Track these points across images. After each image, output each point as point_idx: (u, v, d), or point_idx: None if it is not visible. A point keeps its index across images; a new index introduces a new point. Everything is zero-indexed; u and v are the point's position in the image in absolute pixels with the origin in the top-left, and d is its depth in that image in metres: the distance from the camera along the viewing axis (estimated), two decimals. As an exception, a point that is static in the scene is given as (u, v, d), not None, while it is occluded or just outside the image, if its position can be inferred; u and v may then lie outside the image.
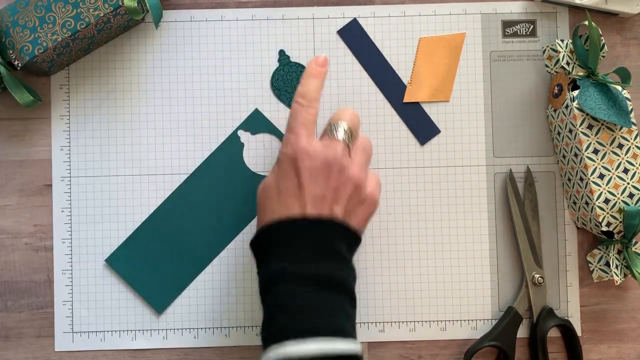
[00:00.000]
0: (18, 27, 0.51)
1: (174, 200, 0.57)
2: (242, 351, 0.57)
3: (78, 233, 0.57)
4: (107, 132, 0.57)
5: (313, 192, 0.44)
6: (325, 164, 0.45)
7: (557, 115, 0.56)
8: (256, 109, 0.58)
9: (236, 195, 0.57)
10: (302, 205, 0.44)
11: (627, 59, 0.59)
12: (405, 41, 0.58)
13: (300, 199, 0.44)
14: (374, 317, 0.57)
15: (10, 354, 0.56)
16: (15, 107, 0.57)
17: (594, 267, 0.56)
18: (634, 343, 0.58)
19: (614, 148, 0.53)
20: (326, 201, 0.44)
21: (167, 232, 0.57)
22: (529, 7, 0.58)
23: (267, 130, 0.58)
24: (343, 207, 0.45)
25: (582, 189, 0.54)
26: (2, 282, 0.57)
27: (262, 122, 0.58)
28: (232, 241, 0.57)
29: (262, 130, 0.58)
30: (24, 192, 0.57)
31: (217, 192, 0.57)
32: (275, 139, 0.58)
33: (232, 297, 0.57)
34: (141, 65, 0.58)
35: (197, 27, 0.58)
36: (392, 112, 0.58)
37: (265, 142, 0.58)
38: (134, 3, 0.52)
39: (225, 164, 0.57)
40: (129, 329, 0.57)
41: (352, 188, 0.46)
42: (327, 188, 0.44)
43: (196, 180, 0.57)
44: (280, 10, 0.58)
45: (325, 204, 0.44)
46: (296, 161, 0.45)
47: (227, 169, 0.57)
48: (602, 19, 0.58)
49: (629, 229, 0.53)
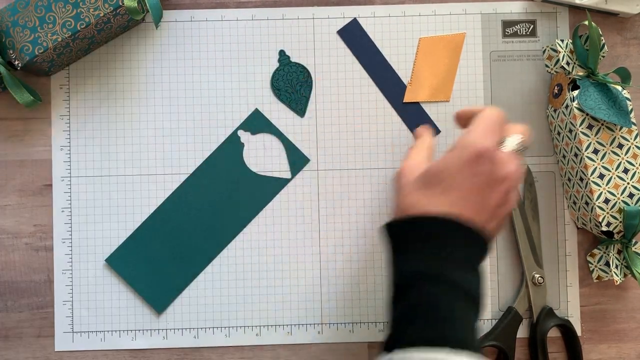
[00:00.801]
0: (18, 27, 0.51)
1: (174, 200, 0.57)
2: (242, 351, 0.57)
3: (78, 233, 0.57)
4: (107, 132, 0.58)
5: (482, 201, 0.43)
6: (503, 178, 0.43)
7: (557, 115, 0.56)
8: (256, 109, 0.58)
9: (236, 195, 0.57)
10: (466, 208, 0.42)
11: (627, 59, 0.59)
12: (405, 41, 0.58)
13: (467, 202, 0.42)
14: (374, 317, 0.57)
15: (10, 354, 0.56)
16: (15, 107, 0.57)
17: (594, 267, 0.56)
18: (634, 343, 0.58)
19: (614, 148, 0.53)
20: (486, 215, 0.43)
21: (167, 232, 0.57)
22: (529, 7, 0.58)
23: (267, 130, 0.58)
24: (494, 226, 0.44)
25: (582, 189, 0.54)
26: (2, 282, 0.57)
27: (262, 122, 0.58)
28: (233, 241, 0.57)
29: (262, 130, 0.58)
30: (24, 192, 0.57)
31: (217, 192, 0.57)
32: (275, 139, 0.58)
33: (232, 297, 0.57)
34: (141, 65, 0.58)
35: (197, 27, 0.58)
36: (392, 112, 0.58)
37: (266, 142, 0.58)
38: (134, 3, 0.52)
39: (225, 164, 0.57)
40: (129, 329, 0.57)
41: (508, 212, 0.45)
42: (492, 203, 0.43)
43: (196, 180, 0.57)
44: (280, 10, 0.58)
45: (484, 217, 0.43)
46: (481, 159, 0.42)
47: (227, 169, 0.57)
48: (602, 19, 0.58)
49: (629, 229, 0.53)
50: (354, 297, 0.57)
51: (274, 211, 0.57)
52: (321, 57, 0.58)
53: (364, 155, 0.58)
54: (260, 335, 0.57)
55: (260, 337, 0.57)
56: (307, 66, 0.58)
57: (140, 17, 0.53)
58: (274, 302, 0.57)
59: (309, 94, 0.58)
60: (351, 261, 0.57)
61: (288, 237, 0.57)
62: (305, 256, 0.57)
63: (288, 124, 0.58)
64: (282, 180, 0.57)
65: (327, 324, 0.57)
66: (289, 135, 0.58)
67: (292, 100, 0.58)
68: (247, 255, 0.57)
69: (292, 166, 0.58)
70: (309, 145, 0.58)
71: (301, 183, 0.57)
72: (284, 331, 0.57)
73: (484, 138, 0.43)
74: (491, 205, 0.43)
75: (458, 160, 0.43)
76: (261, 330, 0.57)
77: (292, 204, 0.57)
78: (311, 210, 0.57)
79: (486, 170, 0.42)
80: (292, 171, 0.58)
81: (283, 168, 0.58)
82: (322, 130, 0.58)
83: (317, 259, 0.57)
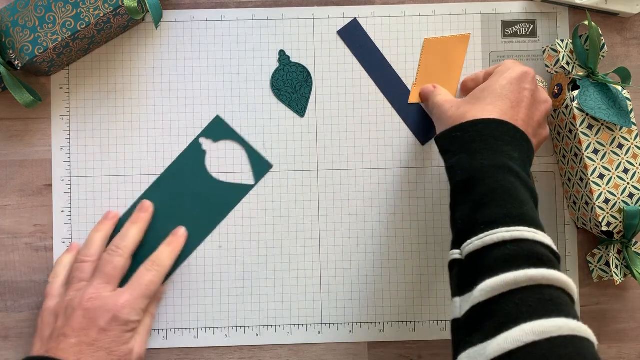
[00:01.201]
0: (18, 27, 0.51)
1: (135, 207, 0.56)
2: (242, 351, 0.57)
3: (78, 233, 0.57)
4: (107, 132, 0.58)
5: (528, 114, 0.47)
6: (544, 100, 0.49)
7: (557, 115, 0.56)
8: (217, 115, 0.57)
9: (199, 202, 0.57)
10: (515, 119, 0.46)
11: (627, 59, 0.59)
12: (405, 41, 0.58)
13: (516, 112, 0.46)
14: (373, 317, 0.57)
15: (10, 354, 0.56)
16: (15, 107, 0.57)
17: (594, 267, 0.56)
18: (634, 343, 0.58)
19: (614, 148, 0.53)
20: (531, 130, 0.48)
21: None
22: (529, 7, 0.58)
23: (229, 137, 0.57)
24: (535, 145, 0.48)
25: (582, 189, 0.54)
26: (2, 282, 0.57)
27: (223, 129, 0.57)
28: (233, 241, 0.57)
29: (224, 137, 0.57)
30: (24, 192, 0.57)
31: (180, 199, 0.57)
32: (236, 146, 0.57)
33: (232, 297, 0.57)
34: (141, 65, 0.58)
35: (197, 27, 0.58)
36: (392, 112, 0.58)
37: (227, 149, 0.57)
38: (134, 3, 0.52)
39: (188, 171, 0.57)
40: (129, 329, 0.56)
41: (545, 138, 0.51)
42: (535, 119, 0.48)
43: (159, 188, 0.57)
44: (280, 10, 0.58)
45: (530, 131, 0.47)
46: (527, 77, 0.48)
47: (190, 177, 0.57)
48: (602, 19, 0.58)
49: (629, 229, 0.53)
50: (354, 297, 0.57)
51: (274, 211, 0.57)
52: (321, 57, 0.58)
53: (364, 155, 0.58)
54: (260, 335, 0.57)
55: (260, 337, 0.57)
56: (307, 66, 0.58)
57: (140, 17, 0.53)
58: (274, 302, 0.57)
59: (309, 94, 0.58)
60: (351, 261, 0.57)
61: (288, 237, 0.57)
62: (305, 256, 0.57)
63: (288, 124, 0.58)
64: (245, 186, 0.57)
65: (327, 324, 0.57)
66: (289, 135, 0.58)
67: (292, 100, 0.58)
68: (247, 255, 0.57)
69: (255, 172, 0.57)
70: (309, 145, 0.58)
71: (301, 183, 0.57)
72: (284, 331, 0.57)
73: (520, 64, 0.50)
74: (534, 121, 0.48)
75: (504, 80, 0.48)
76: (261, 330, 0.57)
77: (292, 204, 0.57)
78: (311, 210, 0.57)
79: (531, 88, 0.48)
80: (255, 177, 0.57)
81: (245, 174, 0.57)
82: (322, 130, 0.58)
83: (317, 259, 0.57)
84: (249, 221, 0.57)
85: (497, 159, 0.43)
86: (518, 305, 0.37)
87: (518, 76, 0.48)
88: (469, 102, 0.48)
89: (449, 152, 0.46)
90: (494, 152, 0.43)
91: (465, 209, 0.43)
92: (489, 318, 0.37)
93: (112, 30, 0.55)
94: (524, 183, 0.43)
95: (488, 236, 0.40)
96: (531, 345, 0.35)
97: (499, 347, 0.35)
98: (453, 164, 0.45)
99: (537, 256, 0.39)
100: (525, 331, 0.35)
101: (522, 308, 0.36)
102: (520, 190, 0.42)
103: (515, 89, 0.47)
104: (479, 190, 0.42)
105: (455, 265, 0.42)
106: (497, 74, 0.49)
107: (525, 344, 0.35)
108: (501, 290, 0.38)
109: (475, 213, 0.42)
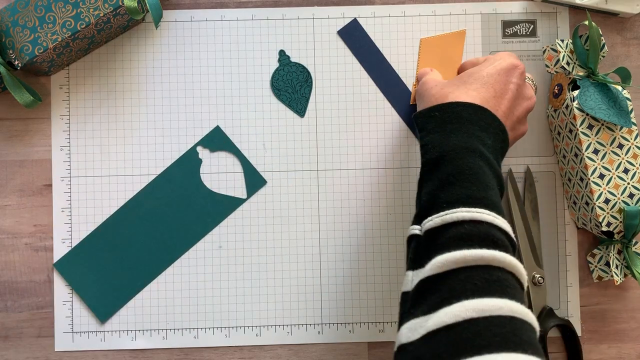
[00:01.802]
0: (18, 27, 0.51)
1: (126, 209, 0.56)
2: (242, 351, 0.57)
3: (78, 233, 0.57)
4: (107, 132, 0.58)
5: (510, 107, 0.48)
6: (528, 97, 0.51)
7: (557, 115, 0.56)
8: (217, 126, 0.57)
9: (189, 210, 0.57)
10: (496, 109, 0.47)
11: (627, 59, 0.59)
12: (405, 41, 0.58)
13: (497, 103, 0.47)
14: (374, 317, 0.57)
15: (10, 354, 0.56)
16: (15, 107, 0.57)
17: (594, 267, 0.56)
18: (634, 343, 0.58)
19: (614, 148, 0.53)
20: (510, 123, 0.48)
21: (117, 241, 0.56)
22: (529, 7, 0.58)
23: (226, 148, 0.57)
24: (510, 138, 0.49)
25: (582, 189, 0.54)
26: (2, 282, 0.57)
27: (222, 139, 0.57)
28: (233, 241, 0.57)
29: (222, 148, 0.57)
30: (24, 192, 0.57)
31: (171, 205, 0.57)
32: (233, 158, 0.57)
33: (232, 297, 0.57)
34: (141, 65, 0.58)
35: (197, 27, 0.58)
36: (392, 112, 0.58)
37: (220, 159, 0.57)
38: (134, 3, 0.52)
39: (181, 178, 0.57)
40: (129, 329, 0.57)
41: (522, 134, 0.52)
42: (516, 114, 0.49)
43: (150, 193, 0.57)
44: (280, 10, 0.58)
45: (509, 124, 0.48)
46: (515, 70, 0.49)
47: (183, 184, 0.57)
48: (602, 19, 0.58)
49: (629, 229, 0.53)
50: (354, 297, 0.57)
51: (274, 211, 0.57)
52: (321, 57, 0.58)
53: (364, 155, 0.58)
54: (260, 335, 0.57)
55: (260, 337, 0.57)
56: (307, 66, 0.58)
57: (140, 17, 0.53)
58: (274, 302, 0.57)
59: (309, 94, 0.58)
60: (351, 261, 0.57)
61: (288, 237, 0.57)
62: (305, 256, 0.57)
63: (288, 124, 0.58)
64: (237, 200, 0.57)
65: (327, 324, 0.57)
66: (289, 135, 0.58)
67: (292, 100, 0.58)
68: (247, 255, 0.57)
69: (248, 187, 0.57)
70: (309, 145, 0.58)
71: (301, 183, 0.57)
72: (284, 331, 0.57)
73: (514, 57, 0.50)
74: (515, 115, 0.49)
75: (493, 68, 0.48)
76: (261, 330, 0.57)
77: (292, 204, 0.57)
78: (311, 210, 0.57)
79: (518, 82, 0.49)
80: (248, 192, 0.57)
81: (238, 188, 0.57)
82: (322, 130, 0.58)
83: (317, 259, 0.57)
84: (249, 221, 0.57)
85: (469, 142, 0.44)
86: (463, 282, 0.37)
87: (507, 68, 0.48)
88: (454, 84, 0.49)
89: (425, 129, 0.47)
90: (468, 136, 0.44)
91: (431, 186, 0.43)
92: (434, 292, 0.38)
93: (112, 30, 0.55)
94: (492, 169, 0.44)
95: (448, 214, 0.40)
96: (469, 321, 0.35)
97: (439, 320, 0.36)
98: (427, 142, 0.46)
99: (492, 239, 0.39)
100: (466, 307, 0.36)
101: (467, 285, 0.37)
102: (487, 175, 0.43)
103: (502, 80, 0.48)
104: (447, 169, 0.43)
105: (414, 240, 0.42)
106: (487, 61, 0.50)
107: (463, 320, 0.35)
108: (450, 266, 0.38)
109: (439, 191, 0.42)
